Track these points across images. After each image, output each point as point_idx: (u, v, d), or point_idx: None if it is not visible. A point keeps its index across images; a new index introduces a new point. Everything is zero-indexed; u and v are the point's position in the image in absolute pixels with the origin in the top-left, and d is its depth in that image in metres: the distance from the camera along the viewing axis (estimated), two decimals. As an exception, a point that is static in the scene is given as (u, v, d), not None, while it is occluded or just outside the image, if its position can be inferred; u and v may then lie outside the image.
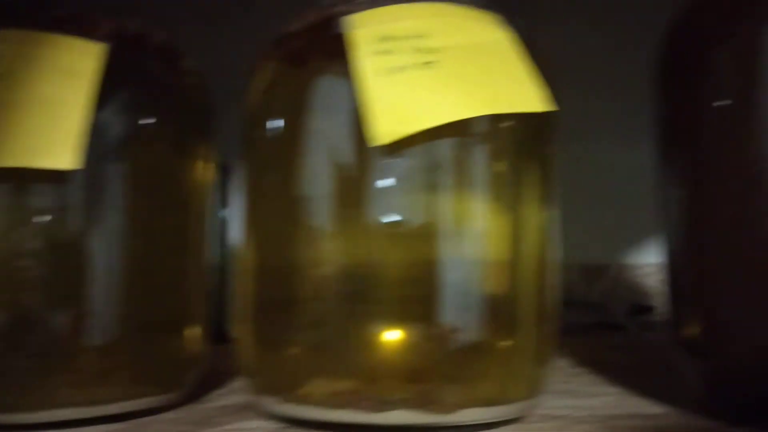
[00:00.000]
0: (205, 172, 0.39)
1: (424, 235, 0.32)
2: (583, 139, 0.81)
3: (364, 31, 0.30)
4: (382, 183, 0.30)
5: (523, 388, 0.34)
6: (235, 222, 0.66)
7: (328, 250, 0.32)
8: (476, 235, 0.32)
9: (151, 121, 0.35)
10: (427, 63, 0.30)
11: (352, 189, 0.31)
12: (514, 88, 0.30)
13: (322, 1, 0.34)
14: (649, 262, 0.89)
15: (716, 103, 0.32)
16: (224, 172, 0.64)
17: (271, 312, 0.34)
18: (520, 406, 0.34)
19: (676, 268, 0.35)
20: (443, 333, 0.32)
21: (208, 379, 0.41)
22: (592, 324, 0.75)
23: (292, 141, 0.32)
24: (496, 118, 0.31)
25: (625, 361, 0.54)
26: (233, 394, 0.41)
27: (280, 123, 0.33)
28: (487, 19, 0.32)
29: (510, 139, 0.33)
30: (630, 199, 0.73)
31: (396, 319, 0.32)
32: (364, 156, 0.30)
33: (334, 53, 0.31)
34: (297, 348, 0.33)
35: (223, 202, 0.68)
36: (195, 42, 0.41)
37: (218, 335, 0.76)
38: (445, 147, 0.31)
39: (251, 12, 0.70)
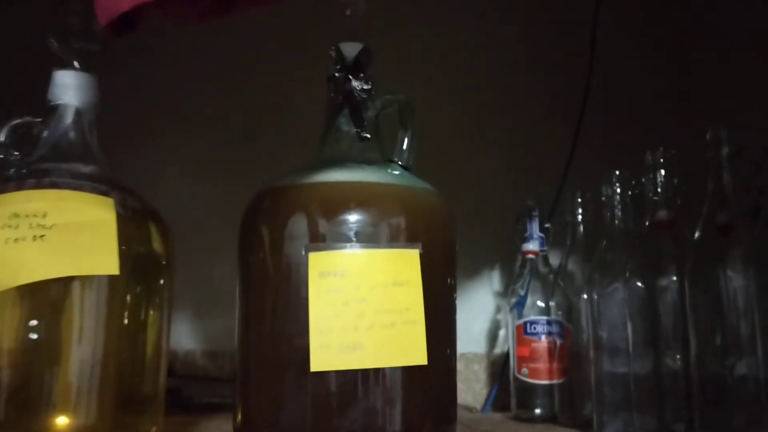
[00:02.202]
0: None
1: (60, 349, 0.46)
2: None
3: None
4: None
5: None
6: None
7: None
8: (93, 347, 0.46)
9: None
10: (41, 236, 0.44)
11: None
12: (97, 256, 0.44)
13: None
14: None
15: (254, 258, 0.48)
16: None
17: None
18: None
19: (237, 376, 0.50)
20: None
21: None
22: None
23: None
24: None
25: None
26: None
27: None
28: (99, 203, 0.47)
29: (124, 281, 0.48)
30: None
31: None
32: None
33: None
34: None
35: None
36: None
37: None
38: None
39: None
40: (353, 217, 0.45)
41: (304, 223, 0.46)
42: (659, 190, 0.71)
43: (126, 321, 0.48)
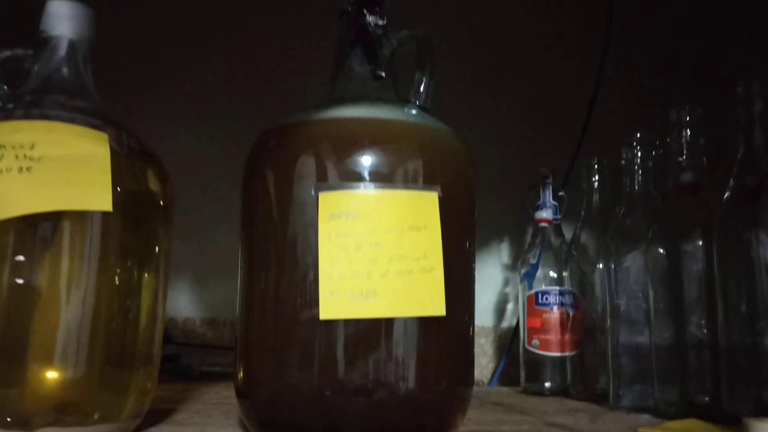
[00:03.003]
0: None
1: (48, 295, 0.42)
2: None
3: (-16, 140, 0.41)
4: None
5: (119, 414, 0.45)
6: None
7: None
8: (83, 294, 0.43)
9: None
10: (27, 168, 0.40)
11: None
12: (88, 191, 0.41)
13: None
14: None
15: (259, 204, 0.45)
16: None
17: None
18: (117, 426, 0.44)
19: (238, 333, 0.47)
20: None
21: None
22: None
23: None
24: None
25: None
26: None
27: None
28: (92, 137, 0.43)
29: (118, 224, 0.44)
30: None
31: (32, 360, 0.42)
32: None
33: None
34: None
35: None
36: None
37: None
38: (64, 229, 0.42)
39: None
40: (367, 156, 0.42)
41: (314, 161, 0.42)
42: (684, 150, 0.67)
43: (119, 268, 0.45)
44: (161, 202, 0.48)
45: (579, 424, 0.59)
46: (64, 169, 0.41)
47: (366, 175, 0.42)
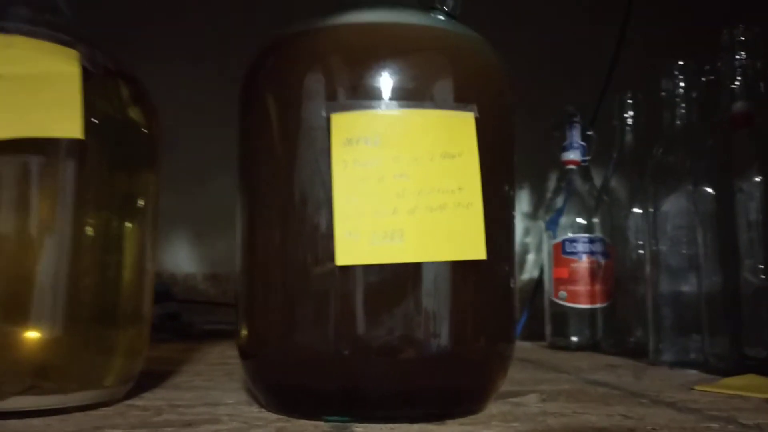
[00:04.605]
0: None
1: (16, 242, 0.36)
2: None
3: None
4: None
5: (104, 378, 0.39)
6: None
7: None
8: (58, 240, 0.36)
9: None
10: (-19, 89, 0.33)
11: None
12: (55, 115, 0.34)
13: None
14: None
15: (259, 132, 0.38)
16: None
17: None
18: (103, 393, 0.38)
19: (239, 285, 0.40)
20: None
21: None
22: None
23: None
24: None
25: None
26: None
27: None
28: (60, 53, 0.36)
29: (94, 159, 0.38)
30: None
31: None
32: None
33: None
34: None
35: None
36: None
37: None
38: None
39: None
40: (389, 68, 0.35)
41: (323, 77, 0.35)
42: (738, 76, 0.60)
43: (99, 212, 0.38)
44: (145, 134, 0.41)
45: (623, 381, 0.53)
46: (25, 91, 0.34)
47: (387, 91, 0.35)
